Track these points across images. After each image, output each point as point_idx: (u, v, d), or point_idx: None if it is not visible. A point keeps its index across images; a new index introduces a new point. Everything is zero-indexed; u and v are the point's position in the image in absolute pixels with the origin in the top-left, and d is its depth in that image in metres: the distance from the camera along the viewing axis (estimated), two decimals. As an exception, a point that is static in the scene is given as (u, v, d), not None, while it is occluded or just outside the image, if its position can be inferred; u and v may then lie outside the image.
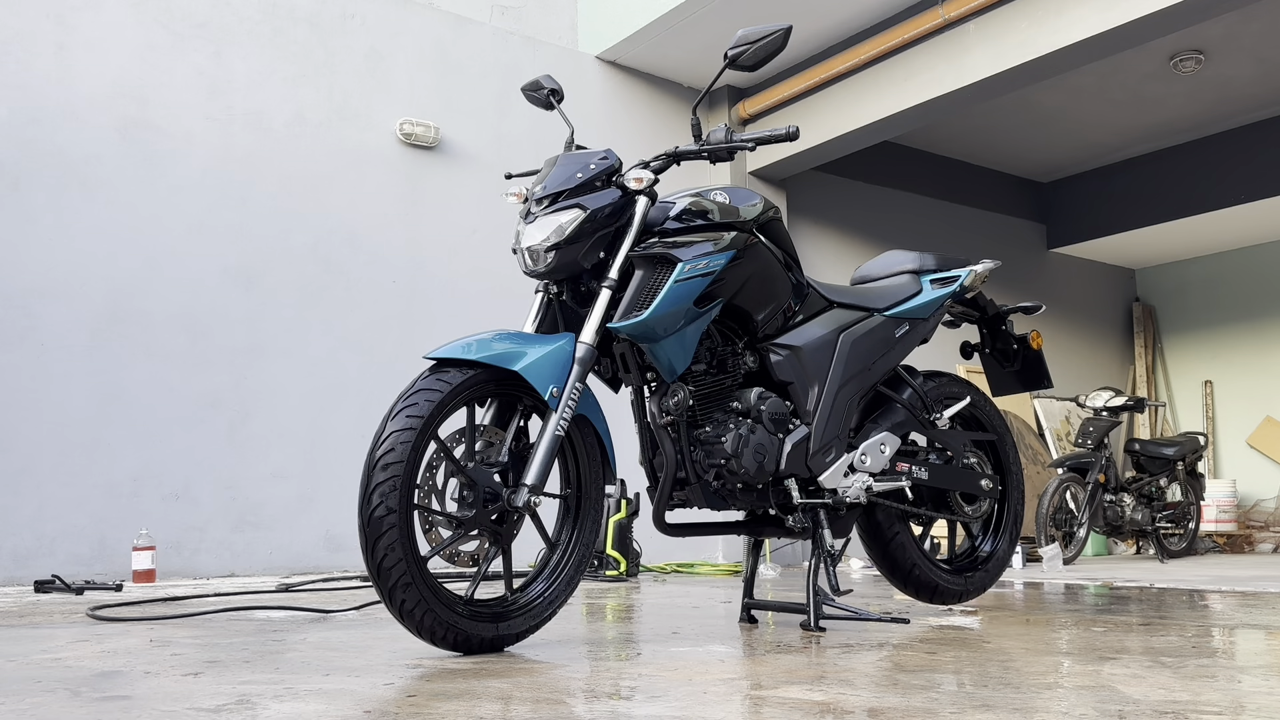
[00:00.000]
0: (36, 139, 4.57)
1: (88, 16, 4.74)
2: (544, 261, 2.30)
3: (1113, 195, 8.33)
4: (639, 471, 2.59)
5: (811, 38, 5.92)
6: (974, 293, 3.08)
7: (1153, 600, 3.69)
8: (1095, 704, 1.59)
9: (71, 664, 2.09)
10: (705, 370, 2.53)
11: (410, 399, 2.09)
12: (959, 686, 1.77)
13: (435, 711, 1.55)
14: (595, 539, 2.41)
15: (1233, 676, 1.88)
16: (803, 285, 2.71)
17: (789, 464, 2.57)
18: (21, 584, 4.25)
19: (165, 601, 3.56)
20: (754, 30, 2.37)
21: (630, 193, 2.36)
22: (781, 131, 2.44)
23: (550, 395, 2.19)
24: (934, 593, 3.00)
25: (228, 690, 1.75)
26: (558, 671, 1.97)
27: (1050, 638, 2.51)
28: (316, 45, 5.30)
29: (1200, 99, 7.12)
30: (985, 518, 3.14)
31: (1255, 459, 8.66)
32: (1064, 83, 6.70)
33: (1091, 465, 6.22)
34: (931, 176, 7.88)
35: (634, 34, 5.96)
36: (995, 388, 3.30)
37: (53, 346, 4.51)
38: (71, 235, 4.59)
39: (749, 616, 2.83)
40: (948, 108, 5.76)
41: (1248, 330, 8.80)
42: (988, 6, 5.20)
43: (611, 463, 2.41)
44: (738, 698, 1.67)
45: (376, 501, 2.01)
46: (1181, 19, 4.71)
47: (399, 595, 2.03)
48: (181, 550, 4.66)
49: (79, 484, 4.48)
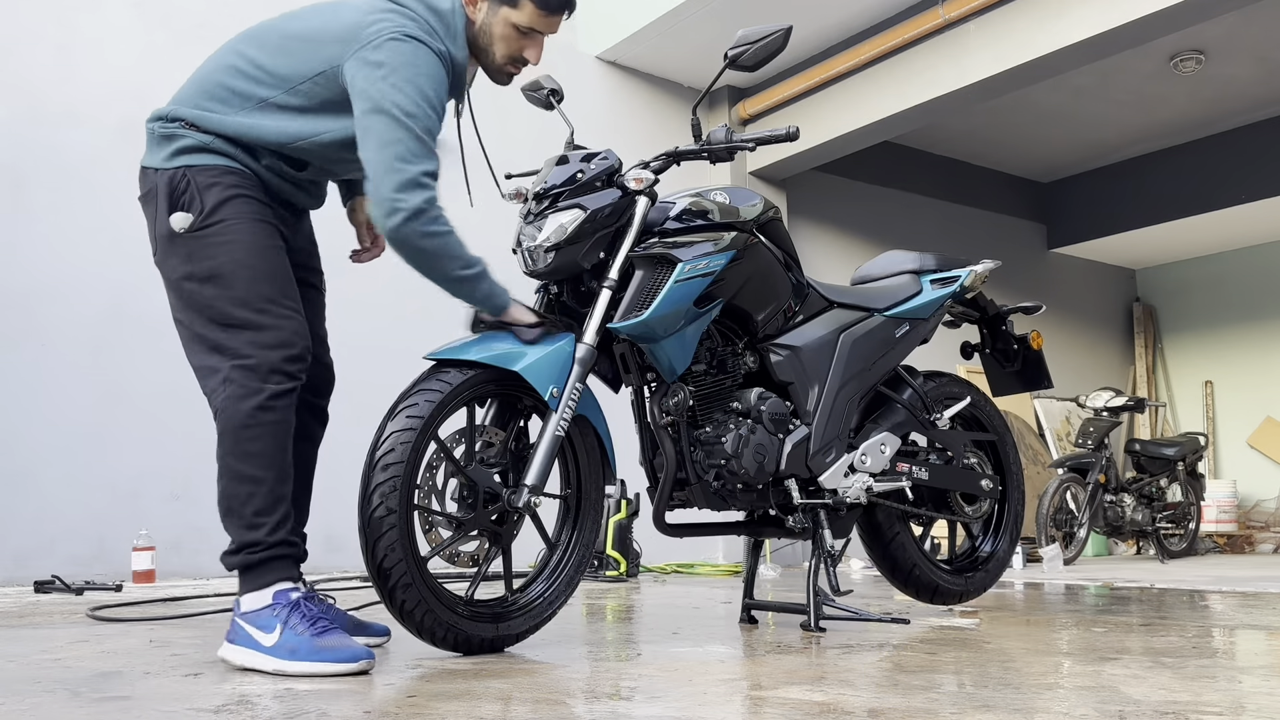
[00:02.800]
0: (36, 139, 4.57)
1: (88, 17, 4.74)
2: (544, 261, 2.30)
3: (1113, 195, 8.33)
4: (639, 471, 2.59)
5: (811, 38, 5.92)
6: (974, 293, 3.08)
7: (1153, 601, 3.69)
8: (1095, 704, 1.59)
9: (71, 664, 2.09)
10: (705, 370, 2.53)
11: (410, 399, 2.09)
12: (959, 687, 1.77)
13: (435, 711, 1.55)
14: (595, 539, 2.41)
15: (1233, 677, 1.88)
16: (803, 285, 2.71)
17: (789, 464, 2.57)
18: (21, 584, 4.25)
19: (165, 602, 3.56)
20: (754, 30, 2.37)
21: (630, 193, 2.36)
22: (781, 132, 2.44)
23: (550, 395, 2.19)
24: (934, 593, 2.99)
25: (228, 690, 1.75)
26: (558, 672, 1.97)
27: (1050, 638, 2.51)
28: (317, 45, 5.29)
29: (1200, 99, 7.12)
30: (985, 518, 3.13)
31: (1255, 459, 8.66)
32: (1064, 83, 6.69)
33: (1092, 465, 6.22)
34: (931, 176, 7.87)
35: (634, 34, 5.96)
36: (995, 388, 3.30)
37: (53, 346, 4.51)
38: (71, 235, 4.59)
39: (749, 617, 2.83)
40: (948, 108, 5.76)
41: (1248, 330, 8.80)
42: (988, 6, 5.20)
43: (611, 463, 2.41)
44: (738, 698, 1.67)
45: (376, 502, 2.01)
46: (1181, 19, 4.71)
47: (399, 595, 2.03)
48: (181, 550, 4.66)
49: (79, 484, 4.48)
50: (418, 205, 2.01)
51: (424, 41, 2.08)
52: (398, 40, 2.05)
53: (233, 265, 2.03)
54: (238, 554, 2.02)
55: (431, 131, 2.06)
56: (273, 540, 2.01)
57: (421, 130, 2.03)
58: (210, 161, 2.07)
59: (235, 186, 2.07)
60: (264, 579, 1.99)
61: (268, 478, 2.02)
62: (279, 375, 2.02)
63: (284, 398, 2.03)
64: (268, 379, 2.01)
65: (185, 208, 2.05)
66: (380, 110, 2.02)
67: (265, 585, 1.98)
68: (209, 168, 2.07)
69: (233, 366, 2.01)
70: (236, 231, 2.05)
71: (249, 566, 2.00)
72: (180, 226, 2.04)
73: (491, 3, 2.19)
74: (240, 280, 2.03)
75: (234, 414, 2.01)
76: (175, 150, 2.08)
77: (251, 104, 2.11)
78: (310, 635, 1.92)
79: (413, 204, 2.01)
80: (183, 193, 2.05)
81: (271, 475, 2.02)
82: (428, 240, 2.05)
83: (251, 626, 1.96)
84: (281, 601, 1.96)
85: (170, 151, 2.09)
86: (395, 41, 2.05)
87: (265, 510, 2.01)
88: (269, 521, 2.01)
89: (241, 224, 2.05)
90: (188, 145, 2.08)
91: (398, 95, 2.02)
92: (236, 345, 2.02)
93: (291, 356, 2.04)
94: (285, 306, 2.06)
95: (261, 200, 2.11)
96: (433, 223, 2.04)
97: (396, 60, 2.04)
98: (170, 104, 2.15)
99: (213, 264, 2.03)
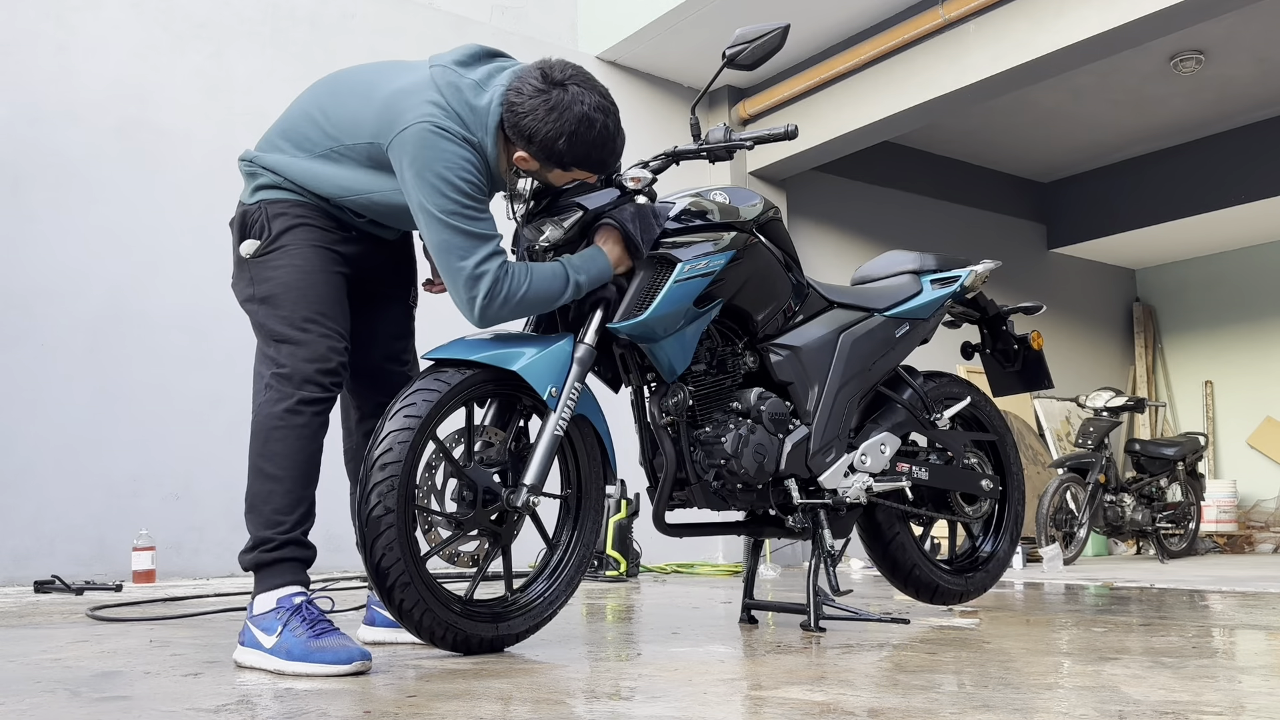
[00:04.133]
0: (36, 139, 4.57)
1: (88, 16, 4.74)
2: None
3: (1113, 195, 8.33)
4: (639, 471, 2.59)
5: (811, 38, 5.92)
6: (974, 293, 3.08)
7: (1153, 601, 3.69)
8: (1095, 704, 1.59)
9: (71, 664, 2.09)
10: (705, 370, 2.53)
11: (408, 399, 2.09)
12: (959, 687, 1.77)
13: (435, 711, 1.55)
14: (595, 539, 2.41)
15: (1233, 677, 1.88)
16: (803, 285, 2.71)
17: (789, 464, 2.57)
18: (21, 584, 4.25)
19: (165, 601, 3.56)
20: (752, 29, 2.37)
21: (629, 192, 2.35)
22: (780, 130, 2.44)
23: (549, 395, 2.19)
24: (934, 593, 2.99)
25: (228, 690, 1.75)
26: (558, 671, 1.97)
27: (1050, 638, 2.51)
28: (316, 45, 5.30)
29: (1200, 99, 7.12)
30: (986, 518, 3.13)
31: (1255, 459, 8.66)
32: (1064, 83, 6.69)
33: (1092, 465, 6.22)
34: (931, 176, 7.87)
35: (634, 34, 5.96)
36: (996, 388, 3.30)
37: (53, 346, 4.51)
38: (71, 235, 4.59)
39: (749, 617, 2.83)
40: (948, 108, 5.75)
41: (1248, 330, 8.80)
42: (988, 6, 5.19)
43: (611, 463, 2.41)
44: (738, 698, 1.67)
45: (374, 501, 2.01)
46: (1181, 19, 4.71)
47: (398, 595, 2.03)
48: (181, 550, 4.66)
49: (79, 484, 4.48)
50: (486, 291, 2.12)
51: (449, 133, 2.12)
52: (422, 133, 2.10)
53: (283, 288, 2.17)
54: (252, 551, 2.11)
55: (473, 215, 2.13)
56: (285, 539, 2.09)
57: (464, 223, 2.11)
58: (283, 196, 2.22)
59: (300, 216, 2.21)
60: (272, 581, 2.07)
61: (288, 477, 2.11)
62: (311, 385, 2.13)
63: (314, 405, 2.13)
64: (301, 387, 2.12)
65: (255, 236, 2.21)
66: (423, 210, 2.11)
67: (272, 588, 2.07)
68: (281, 201, 2.23)
69: (272, 375, 2.15)
70: (292, 256, 2.18)
71: (261, 566, 2.09)
72: (247, 253, 2.21)
73: (544, 163, 2.21)
74: (287, 301, 2.16)
75: (265, 416, 2.13)
76: (256, 187, 2.25)
77: (317, 151, 2.21)
78: (308, 637, 1.99)
79: (482, 292, 2.12)
80: (254, 223, 2.22)
81: (292, 475, 2.11)
82: (514, 306, 2.16)
83: (257, 629, 2.04)
84: (285, 605, 2.04)
85: (253, 188, 2.26)
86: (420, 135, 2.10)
87: (284, 509, 2.10)
88: (287, 520, 2.10)
89: (298, 249, 2.18)
90: (265, 183, 2.24)
91: (435, 197, 2.09)
92: (278, 357, 2.15)
93: (325, 370, 2.14)
94: (325, 326, 2.17)
95: (323, 228, 2.23)
96: (506, 291, 2.14)
97: (425, 156, 2.10)
98: (257, 144, 2.31)
99: (268, 287, 2.18)
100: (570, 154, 2.16)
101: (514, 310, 2.16)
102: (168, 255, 4.80)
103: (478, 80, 2.18)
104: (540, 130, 2.13)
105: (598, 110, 2.15)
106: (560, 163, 2.18)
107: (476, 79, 2.18)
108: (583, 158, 2.18)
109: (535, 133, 2.13)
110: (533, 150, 2.17)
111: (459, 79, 2.17)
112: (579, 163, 2.19)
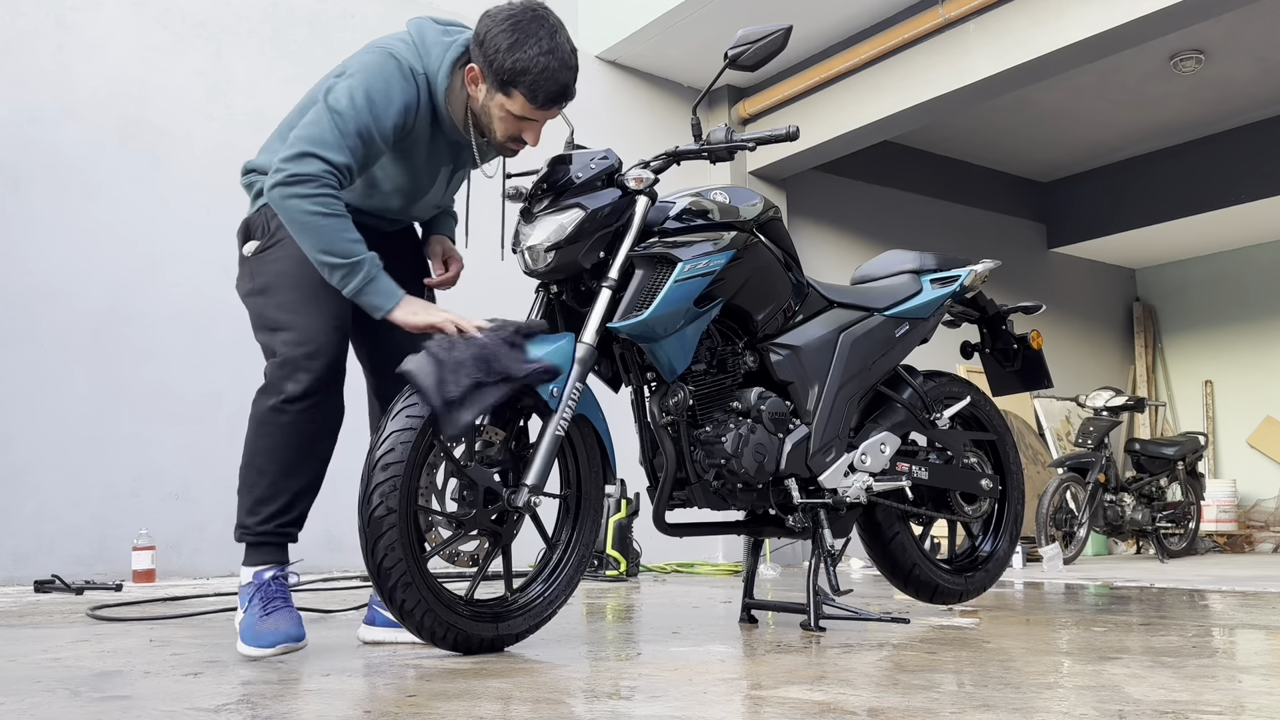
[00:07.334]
0: (36, 139, 4.57)
1: (88, 16, 4.74)
2: (544, 261, 2.30)
3: (1113, 195, 8.33)
4: (639, 471, 2.59)
5: (811, 38, 5.92)
6: (974, 292, 3.08)
7: (1153, 600, 3.69)
8: (1095, 704, 1.59)
9: (71, 664, 2.09)
10: (705, 370, 2.53)
11: (410, 398, 2.09)
12: (959, 686, 1.77)
13: (435, 711, 1.55)
14: (595, 539, 2.41)
15: (1233, 676, 1.88)
16: (803, 285, 2.71)
17: (789, 464, 2.57)
18: (21, 584, 4.25)
19: (165, 601, 3.56)
20: (754, 30, 2.37)
21: (630, 192, 2.35)
22: (781, 131, 2.44)
23: (550, 395, 2.19)
24: (934, 593, 2.99)
25: (228, 690, 1.75)
26: (558, 671, 1.97)
27: (1050, 638, 2.51)
28: (316, 45, 5.29)
29: (1200, 99, 7.12)
30: (985, 517, 3.13)
31: (1255, 459, 8.66)
32: (1064, 83, 6.70)
33: (1092, 465, 6.22)
34: (931, 176, 7.87)
35: (634, 34, 5.96)
36: (995, 388, 3.30)
37: (53, 346, 4.51)
38: (71, 235, 4.59)
39: (749, 616, 2.83)
40: (948, 108, 5.76)
41: (1248, 330, 8.81)
42: (988, 6, 5.20)
43: (611, 463, 2.41)
44: (738, 698, 1.67)
45: (376, 501, 2.01)
46: (1181, 19, 4.71)
47: (399, 595, 2.03)
48: (181, 550, 4.66)
49: (79, 484, 4.48)
50: (298, 172, 2.09)
51: (393, 54, 2.17)
52: (375, 52, 2.18)
53: (279, 276, 2.24)
54: (236, 530, 2.27)
55: (361, 134, 2.13)
56: (261, 530, 2.23)
57: (345, 126, 2.11)
58: None
59: None
60: (251, 559, 2.25)
61: (272, 471, 2.22)
62: (302, 374, 2.18)
63: (299, 402, 2.18)
64: (291, 377, 2.18)
65: (257, 237, 2.30)
66: (316, 102, 2.16)
67: (250, 565, 2.24)
68: None
69: (269, 364, 2.22)
70: (289, 248, 2.22)
71: (243, 542, 2.27)
72: (249, 251, 2.31)
73: (489, 86, 2.22)
74: (283, 287, 2.23)
75: (257, 408, 2.23)
76: (256, 194, 2.33)
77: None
78: (260, 616, 2.13)
79: (293, 170, 2.10)
80: (257, 226, 2.30)
81: (276, 469, 2.22)
82: (292, 217, 2.11)
83: (239, 599, 2.24)
84: (256, 581, 2.21)
85: (254, 196, 2.34)
86: (371, 53, 2.18)
87: (264, 500, 2.22)
88: (264, 511, 2.22)
89: (294, 244, 2.20)
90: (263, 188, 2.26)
91: (339, 93, 2.13)
92: (274, 345, 2.22)
93: (310, 354, 2.18)
94: (314, 311, 2.21)
95: None
96: (310, 200, 2.09)
97: (355, 65, 2.17)
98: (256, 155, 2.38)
99: (265, 279, 2.26)
100: (513, 66, 2.16)
101: (287, 217, 2.11)
102: (168, 254, 4.80)
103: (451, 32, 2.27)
104: (492, 33, 2.16)
105: (551, 34, 2.19)
106: (501, 77, 2.18)
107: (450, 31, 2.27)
108: (522, 71, 2.16)
109: (487, 34, 2.17)
110: (481, 60, 2.19)
111: (433, 26, 2.26)
112: (518, 80, 2.17)
